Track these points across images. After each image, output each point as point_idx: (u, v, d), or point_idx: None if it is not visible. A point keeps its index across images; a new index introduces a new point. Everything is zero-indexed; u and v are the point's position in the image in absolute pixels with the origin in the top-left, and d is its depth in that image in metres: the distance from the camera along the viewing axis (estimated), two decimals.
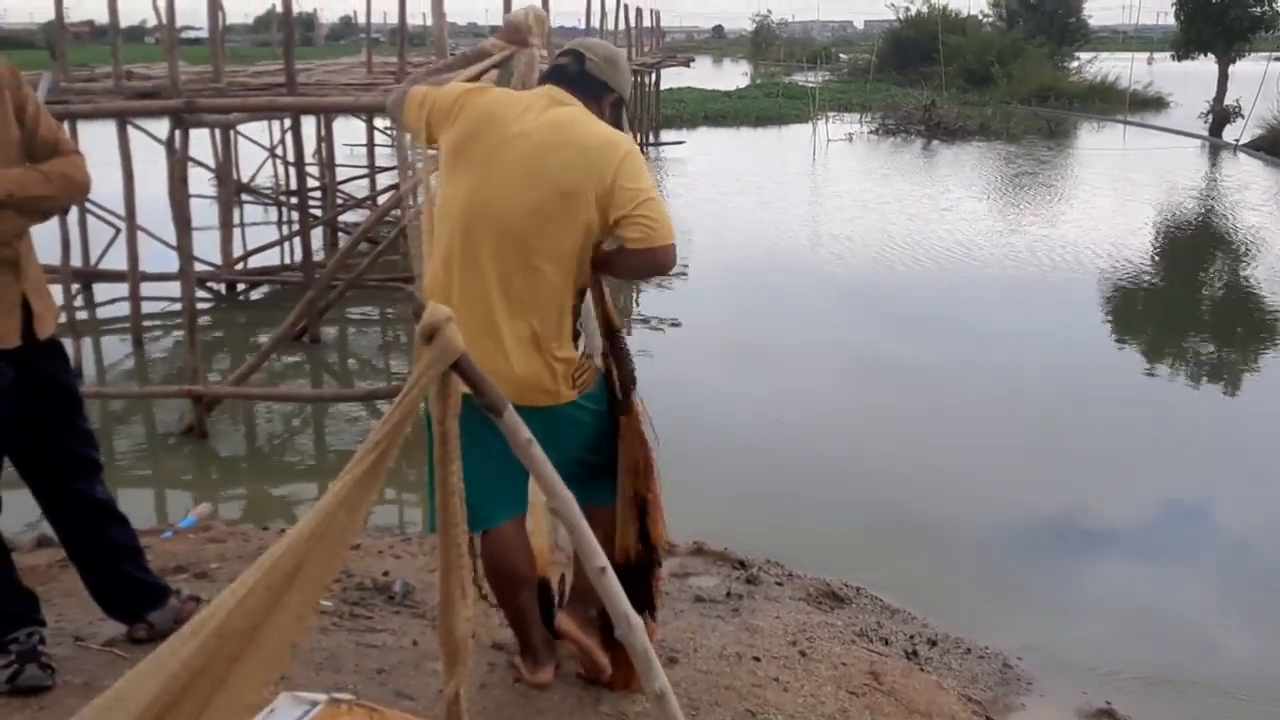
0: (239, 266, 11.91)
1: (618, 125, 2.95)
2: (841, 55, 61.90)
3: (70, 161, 3.00)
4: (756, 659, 3.66)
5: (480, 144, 2.78)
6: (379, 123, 16.21)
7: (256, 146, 16.59)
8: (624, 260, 2.79)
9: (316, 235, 12.48)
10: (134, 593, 3.22)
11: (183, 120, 7.80)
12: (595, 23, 19.07)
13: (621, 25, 21.60)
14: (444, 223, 2.83)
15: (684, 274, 12.74)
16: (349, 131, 18.18)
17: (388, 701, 2.77)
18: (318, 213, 13.71)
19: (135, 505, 6.31)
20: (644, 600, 3.03)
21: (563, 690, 3.13)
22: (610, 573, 1.99)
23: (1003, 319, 10.84)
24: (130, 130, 9.39)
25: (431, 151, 3.08)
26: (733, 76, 52.08)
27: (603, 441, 2.98)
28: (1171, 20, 33.87)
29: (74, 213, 10.59)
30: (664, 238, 2.72)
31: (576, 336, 2.89)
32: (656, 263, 2.76)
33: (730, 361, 9.45)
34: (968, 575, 5.45)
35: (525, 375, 2.76)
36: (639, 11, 24.22)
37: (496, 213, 2.74)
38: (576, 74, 2.91)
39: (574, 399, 2.88)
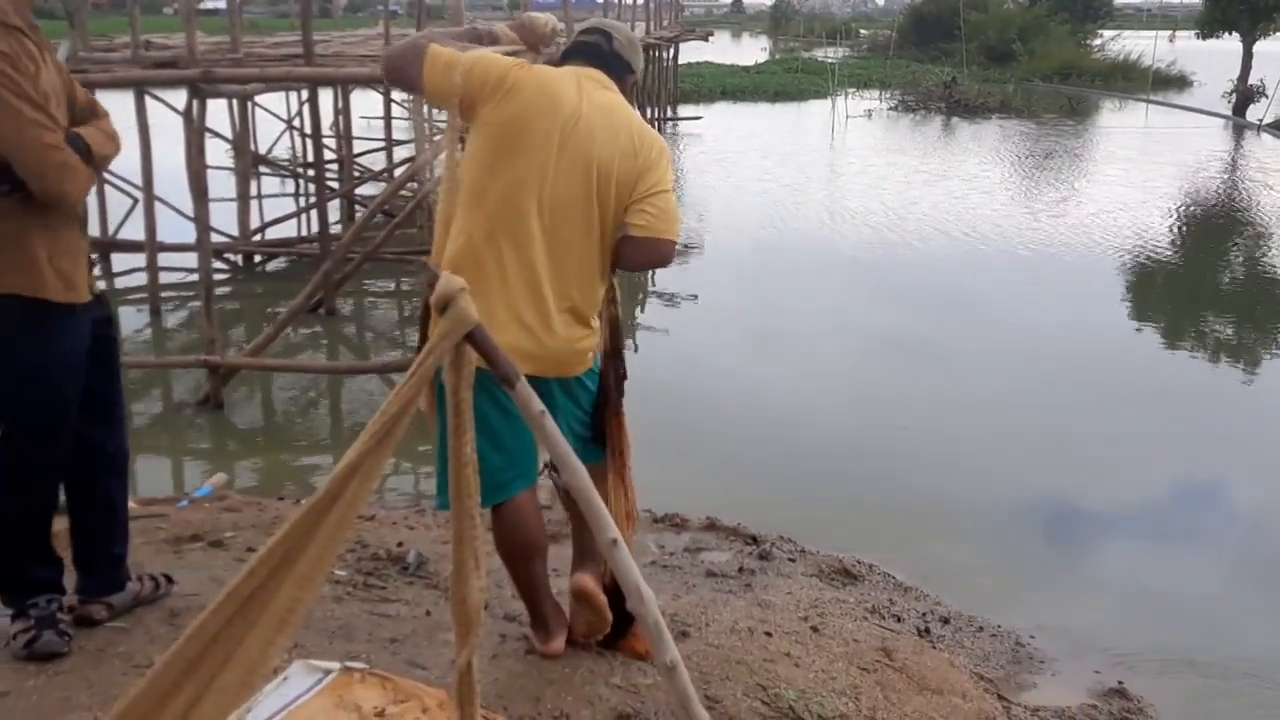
0: (256, 238, 11.94)
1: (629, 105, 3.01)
2: (861, 31, 61.41)
3: (109, 122, 3.09)
4: (768, 634, 3.66)
5: (540, 123, 2.77)
6: (396, 95, 16.16)
7: (274, 118, 16.59)
8: (624, 249, 2.85)
9: (333, 207, 12.50)
10: (111, 566, 3.23)
11: (200, 90, 7.80)
12: None
13: None
14: (492, 197, 2.79)
15: (700, 249, 12.73)
16: (366, 104, 18.14)
17: (400, 671, 2.79)
18: (334, 185, 13.72)
19: (152, 474, 6.38)
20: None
21: (574, 661, 3.14)
22: (622, 545, 2.00)
23: (1020, 298, 10.79)
24: (148, 100, 9.39)
25: (440, 124, 3.08)
26: (751, 52, 51.76)
27: (595, 405, 3.09)
28: None
29: None
30: (668, 232, 2.83)
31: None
32: (656, 255, 2.86)
33: (745, 337, 9.44)
34: (981, 554, 5.44)
35: (566, 347, 2.85)
36: None
37: (554, 192, 2.77)
38: (607, 53, 2.96)
39: (590, 366, 2.99)
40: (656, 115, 22.42)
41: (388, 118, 16.31)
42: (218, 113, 10.97)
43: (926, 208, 15.05)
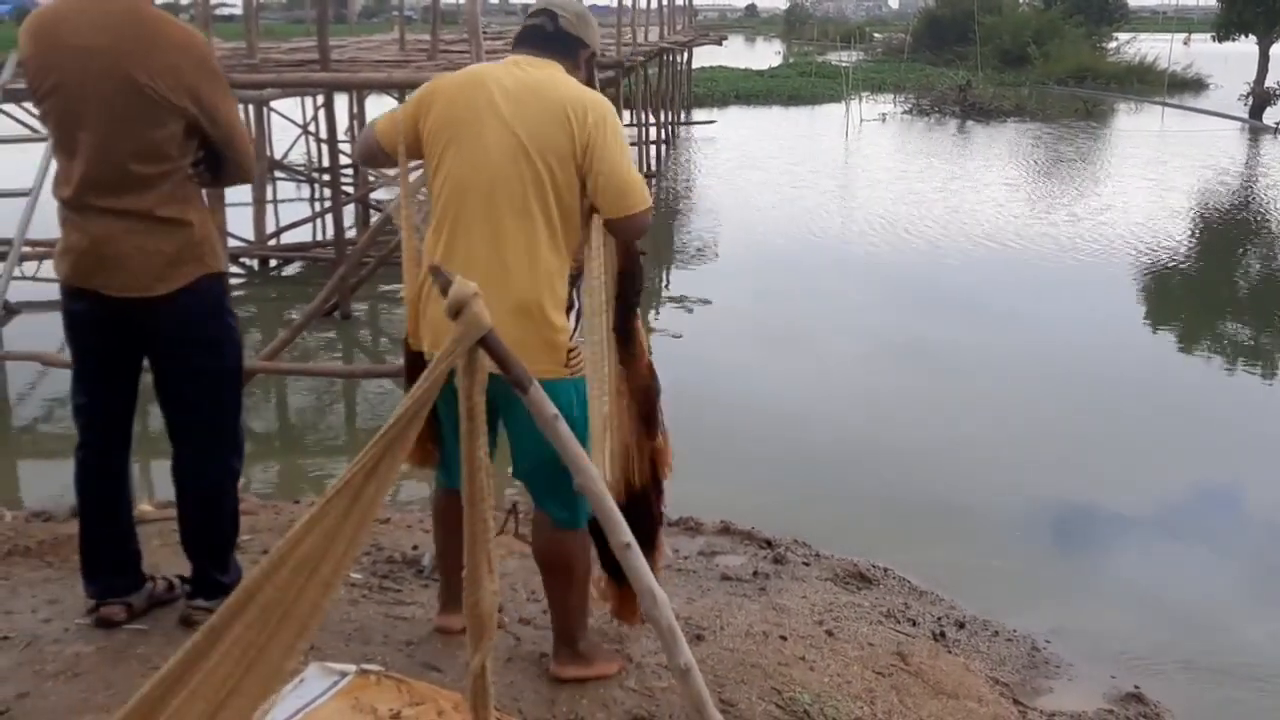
0: (271, 242, 11.98)
1: (591, 81, 2.97)
2: (876, 35, 61.37)
3: None
4: (783, 638, 3.66)
5: (460, 114, 2.81)
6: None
7: (289, 123, 16.66)
8: (607, 228, 2.86)
9: (348, 212, 12.54)
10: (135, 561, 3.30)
11: None
12: (627, 1, 18.95)
13: (654, 3, 21.48)
14: (439, 198, 2.84)
15: (714, 254, 12.72)
16: (381, 109, 18.18)
17: (416, 674, 2.80)
18: (350, 189, 13.76)
19: (167, 478, 6.39)
20: (647, 532, 3.08)
21: None
22: (635, 549, 2.00)
23: (1034, 302, 10.73)
24: None
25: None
26: (765, 55, 51.75)
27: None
28: (1212, 0, 33.32)
29: None
30: (634, 206, 2.78)
31: (570, 308, 2.85)
32: (633, 228, 2.83)
33: (759, 342, 9.43)
34: (996, 558, 5.43)
35: (515, 343, 2.70)
36: None
37: (486, 179, 2.75)
38: (552, 32, 2.93)
39: (566, 376, 2.80)
40: (670, 119, 22.43)
41: None
42: None
43: (940, 211, 15.01)
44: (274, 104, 13.53)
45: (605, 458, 2.98)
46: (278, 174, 14.96)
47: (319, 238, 12.65)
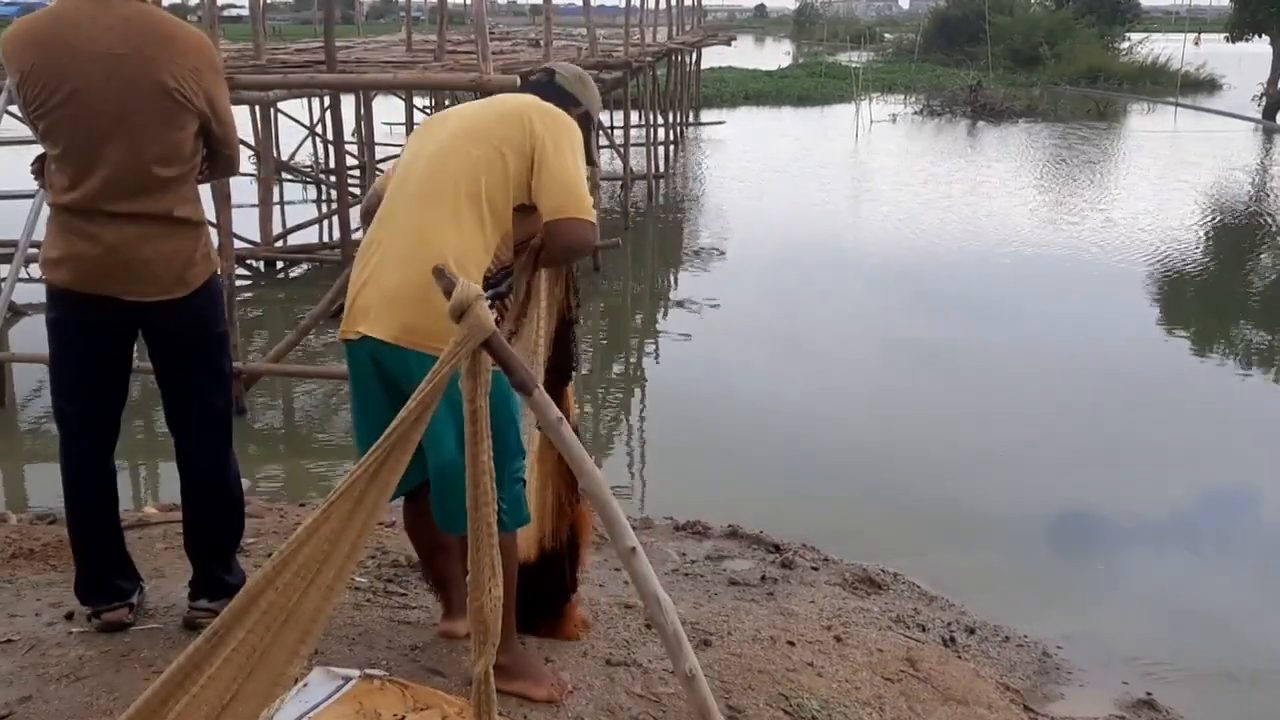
0: (278, 244, 11.99)
1: (586, 144, 2.95)
2: (886, 35, 61.30)
3: None
4: (791, 643, 3.63)
5: (425, 128, 2.96)
6: (418, 101, 16.22)
7: (296, 124, 16.68)
8: (547, 242, 2.80)
9: (355, 213, 12.54)
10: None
11: None
12: (636, 1, 18.92)
13: (663, 4, 21.44)
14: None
15: (722, 256, 12.70)
16: (388, 110, 18.22)
17: (420, 678, 2.77)
18: (356, 191, 13.76)
19: (171, 480, 6.38)
20: (555, 598, 3.22)
21: (594, 670, 3.13)
22: (640, 553, 1.97)
23: (1046, 305, 10.66)
24: None
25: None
26: (775, 56, 51.70)
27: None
28: (1225, 0, 33.19)
29: None
30: (573, 209, 2.73)
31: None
32: (575, 238, 2.76)
33: (768, 344, 9.39)
34: (1007, 563, 5.39)
35: (416, 325, 2.65)
36: None
37: (421, 167, 2.79)
38: (546, 84, 3.06)
39: None
40: (679, 120, 22.39)
41: (409, 124, 16.34)
42: (240, 119, 11.02)
43: (950, 212, 14.94)
44: (280, 105, 13.52)
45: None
46: (284, 175, 14.99)
47: (325, 239, 12.66)
